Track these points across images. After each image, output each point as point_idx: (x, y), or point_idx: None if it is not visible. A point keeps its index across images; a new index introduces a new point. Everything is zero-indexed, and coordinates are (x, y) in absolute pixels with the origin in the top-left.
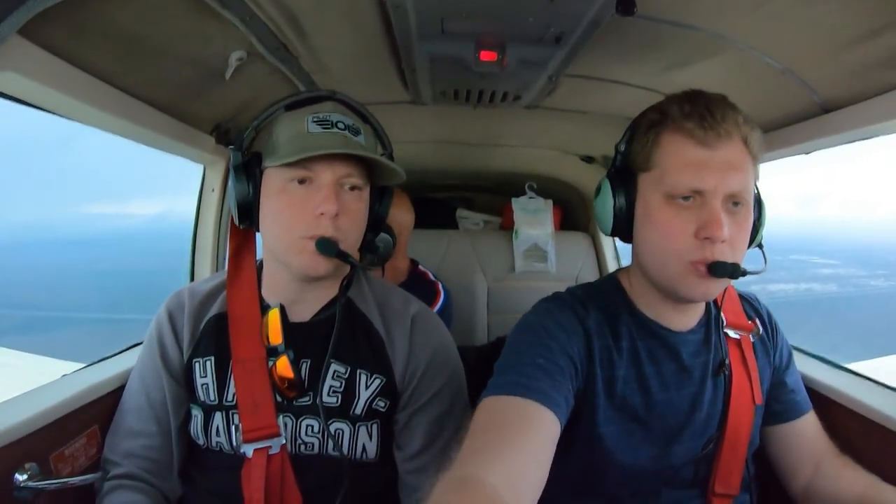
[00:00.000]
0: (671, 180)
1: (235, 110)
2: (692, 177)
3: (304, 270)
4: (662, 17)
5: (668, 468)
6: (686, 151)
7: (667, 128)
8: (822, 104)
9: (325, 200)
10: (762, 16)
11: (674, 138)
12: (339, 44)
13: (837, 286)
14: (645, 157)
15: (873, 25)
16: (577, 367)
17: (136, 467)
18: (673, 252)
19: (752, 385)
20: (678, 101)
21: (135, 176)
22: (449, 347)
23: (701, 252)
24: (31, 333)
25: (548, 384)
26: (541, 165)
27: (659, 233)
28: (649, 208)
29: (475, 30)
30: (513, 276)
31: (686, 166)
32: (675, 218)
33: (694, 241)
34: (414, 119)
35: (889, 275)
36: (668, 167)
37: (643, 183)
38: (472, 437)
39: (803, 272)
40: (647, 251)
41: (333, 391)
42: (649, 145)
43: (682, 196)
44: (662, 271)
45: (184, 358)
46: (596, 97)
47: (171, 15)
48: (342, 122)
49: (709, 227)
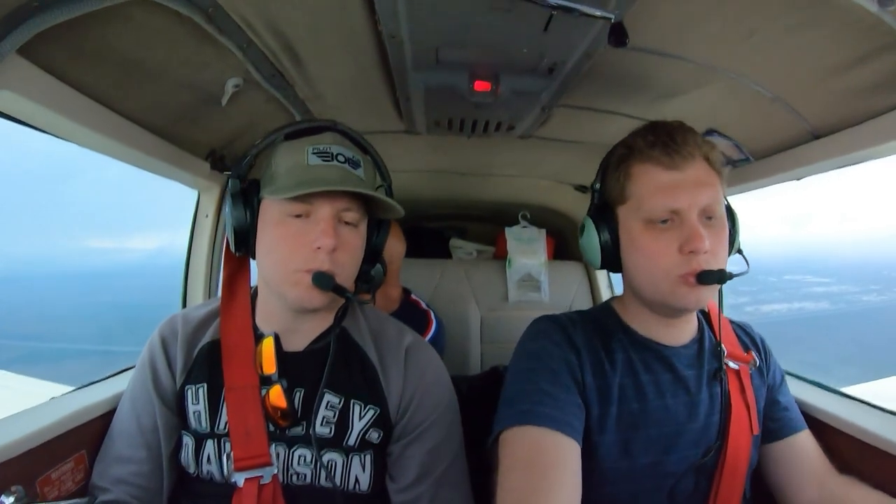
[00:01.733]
0: (648, 206)
1: (231, 136)
2: (666, 199)
3: (299, 303)
4: (654, 48)
5: (665, 479)
6: (657, 177)
7: (635, 160)
8: (813, 130)
9: (323, 235)
10: (752, 45)
11: (644, 168)
12: (334, 73)
13: (830, 303)
14: (619, 190)
15: (860, 52)
16: (577, 381)
17: (125, 494)
18: (661, 271)
19: (751, 416)
20: (641, 134)
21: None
22: (443, 378)
23: (688, 265)
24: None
25: (562, 411)
26: (534, 195)
27: (645, 256)
28: (632, 236)
29: (469, 60)
30: (506, 306)
31: (658, 191)
32: (657, 240)
33: (679, 257)
34: (408, 148)
35: (881, 289)
36: (642, 195)
37: (622, 214)
38: (510, 476)
39: (796, 291)
40: (637, 276)
41: (326, 422)
42: (622, 179)
43: (661, 220)
44: (655, 290)
45: (176, 384)
46: (589, 127)
47: (169, 41)
48: (342, 155)
49: (691, 242)
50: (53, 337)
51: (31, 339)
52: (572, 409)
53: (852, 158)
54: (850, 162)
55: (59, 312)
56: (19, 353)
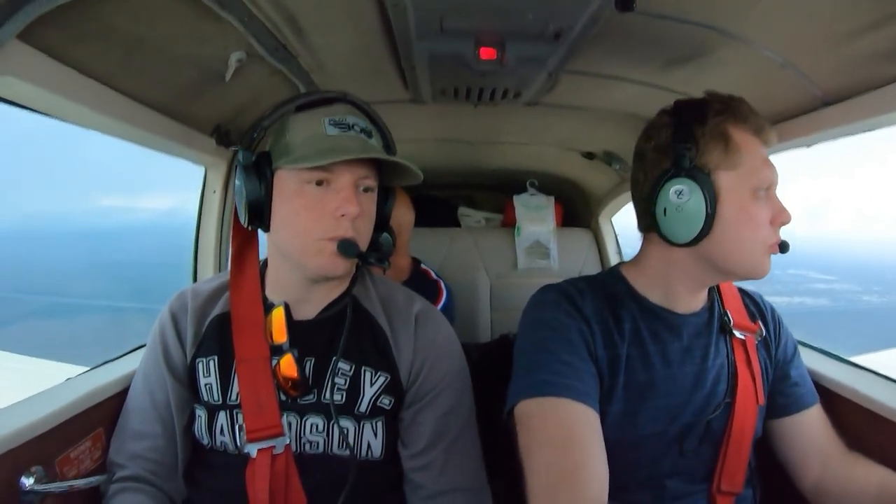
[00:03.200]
0: (759, 176)
1: (235, 111)
2: (770, 172)
3: (322, 271)
4: (661, 12)
5: (670, 446)
6: (760, 149)
7: (742, 128)
8: (823, 97)
9: (347, 202)
10: (761, 10)
11: (747, 137)
12: (338, 43)
13: (830, 301)
14: (727, 157)
15: (873, 17)
16: (590, 351)
17: (141, 469)
18: (760, 241)
19: (756, 385)
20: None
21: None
22: (453, 344)
23: (776, 236)
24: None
25: (582, 381)
26: (542, 162)
27: (753, 226)
28: (743, 205)
29: (474, 27)
30: (515, 273)
31: (764, 163)
32: (762, 210)
33: (770, 228)
34: (414, 118)
35: (884, 291)
36: (754, 165)
37: (728, 181)
38: (541, 451)
39: (798, 286)
40: (734, 245)
41: (338, 389)
42: (730, 146)
43: (763, 189)
44: (748, 259)
45: (187, 358)
46: (596, 93)
47: (169, 17)
48: (357, 125)
49: (784, 214)
50: (69, 292)
51: (48, 293)
52: (590, 379)
53: (863, 126)
54: (861, 129)
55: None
56: (38, 307)
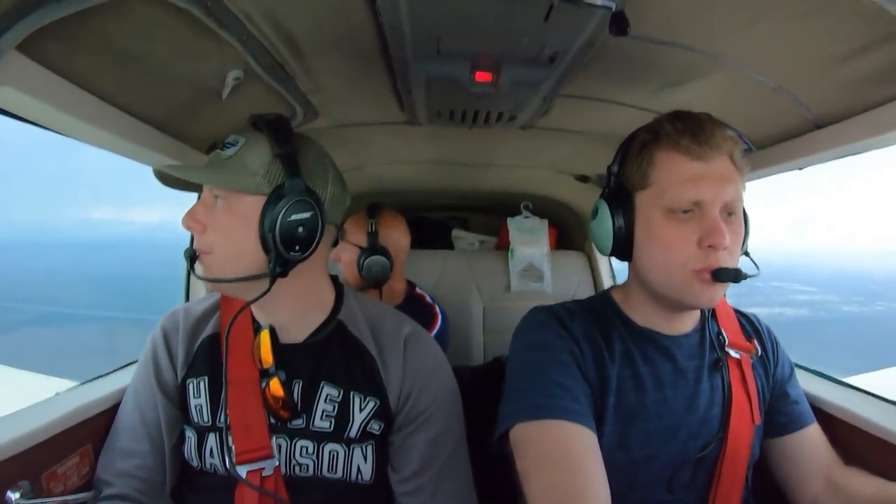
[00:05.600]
0: (672, 195)
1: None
2: (691, 190)
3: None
4: (656, 37)
5: (663, 471)
6: (683, 166)
7: (661, 146)
8: (815, 120)
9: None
10: (754, 34)
11: (669, 155)
12: (335, 64)
13: (810, 311)
14: (641, 175)
15: (864, 41)
16: (582, 372)
17: (129, 487)
18: (677, 263)
19: (752, 405)
20: (669, 120)
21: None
22: (443, 368)
23: (705, 260)
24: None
25: (578, 402)
26: (536, 185)
27: (663, 246)
28: (651, 224)
29: (470, 50)
30: (509, 296)
31: (685, 180)
32: (677, 231)
33: (697, 250)
34: (409, 139)
35: (863, 301)
36: (666, 183)
37: (641, 201)
38: (541, 475)
39: (779, 298)
40: (650, 266)
41: (326, 415)
42: (644, 164)
43: (683, 210)
44: (668, 283)
45: (178, 378)
46: (590, 117)
47: (168, 34)
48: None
49: (712, 236)
50: (63, 302)
51: (43, 303)
52: (585, 399)
53: (854, 148)
54: (852, 152)
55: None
56: (33, 316)
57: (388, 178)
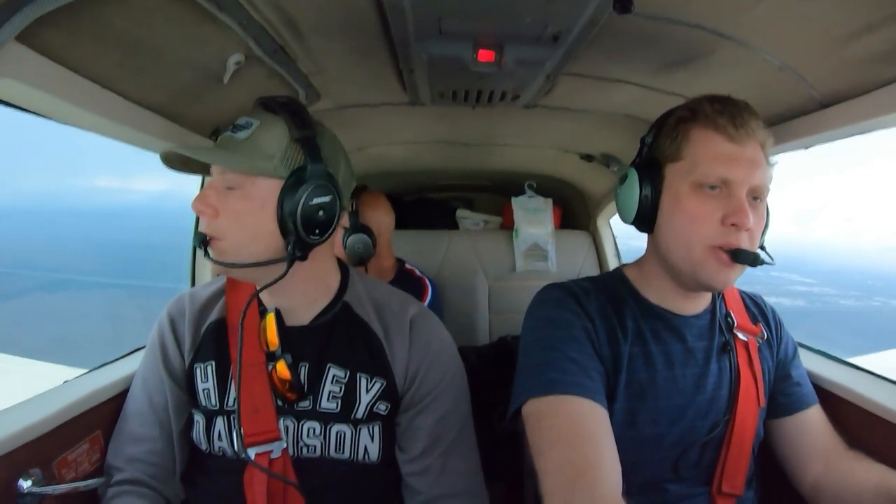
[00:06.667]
0: (703, 169)
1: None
2: (722, 167)
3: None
4: (660, 14)
5: (671, 449)
6: (717, 145)
7: (698, 123)
8: (821, 99)
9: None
10: (759, 12)
11: (706, 133)
12: (336, 45)
13: (806, 302)
14: (675, 149)
15: (870, 20)
16: (595, 349)
17: (140, 472)
18: (699, 237)
19: (758, 387)
20: (709, 101)
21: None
22: (449, 348)
23: (726, 238)
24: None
25: (590, 378)
26: (540, 164)
27: (687, 219)
28: (678, 196)
29: (473, 30)
30: (514, 276)
31: (717, 158)
32: (703, 205)
33: (720, 227)
34: (413, 120)
35: (861, 296)
36: (699, 158)
37: (671, 173)
38: (554, 449)
39: (777, 288)
40: (672, 238)
41: (333, 396)
42: (679, 138)
43: (711, 185)
44: (687, 257)
45: (185, 363)
46: (594, 96)
47: (168, 19)
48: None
49: (736, 215)
50: (69, 269)
51: (49, 270)
52: (597, 376)
53: (860, 128)
54: (858, 131)
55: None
56: (40, 282)
57: (391, 158)
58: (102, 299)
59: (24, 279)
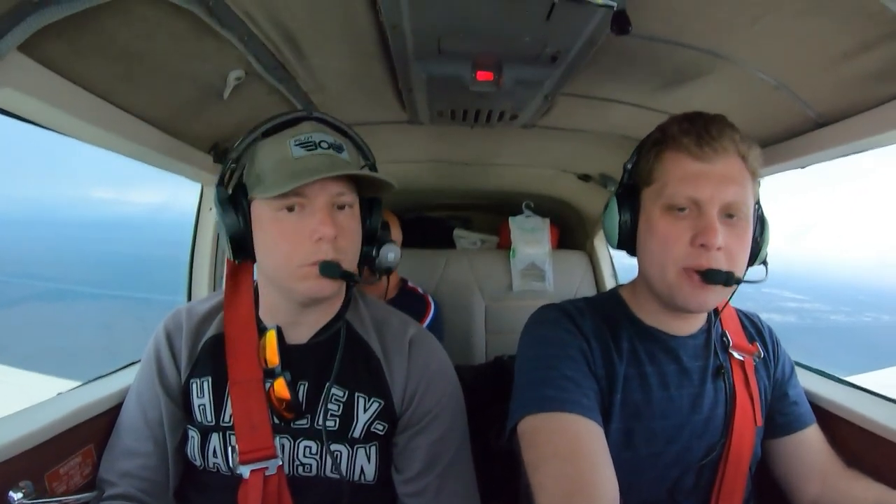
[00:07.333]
0: (669, 192)
1: (234, 129)
2: (689, 188)
3: (310, 294)
4: (657, 35)
5: (667, 470)
6: (684, 165)
7: (667, 145)
8: (817, 118)
9: (322, 224)
10: (756, 33)
11: (673, 154)
12: (336, 64)
13: (797, 318)
14: (647, 172)
15: (865, 38)
16: (591, 369)
17: (132, 487)
18: (671, 259)
19: (755, 407)
20: (678, 121)
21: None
22: (447, 369)
23: (696, 259)
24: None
25: (587, 397)
26: (537, 184)
27: (658, 241)
28: (650, 220)
29: (472, 50)
30: (511, 296)
31: (683, 178)
32: (673, 227)
33: (689, 248)
34: (411, 139)
35: (851, 312)
36: (667, 180)
37: (646, 197)
38: (549, 465)
39: (768, 304)
40: (648, 262)
41: (331, 415)
42: (651, 162)
43: (679, 207)
44: (662, 280)
45: (181, 378)
46: (592, 116)
47: (170, 34)
48: (325, 142)
49: (704, 234)
50: (66, 279)
51: (46, 279)
52: (593, 394)
53: (857, 146)
54: (855, 150)
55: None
56: (37, 291)
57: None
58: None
59: (20, 288)
